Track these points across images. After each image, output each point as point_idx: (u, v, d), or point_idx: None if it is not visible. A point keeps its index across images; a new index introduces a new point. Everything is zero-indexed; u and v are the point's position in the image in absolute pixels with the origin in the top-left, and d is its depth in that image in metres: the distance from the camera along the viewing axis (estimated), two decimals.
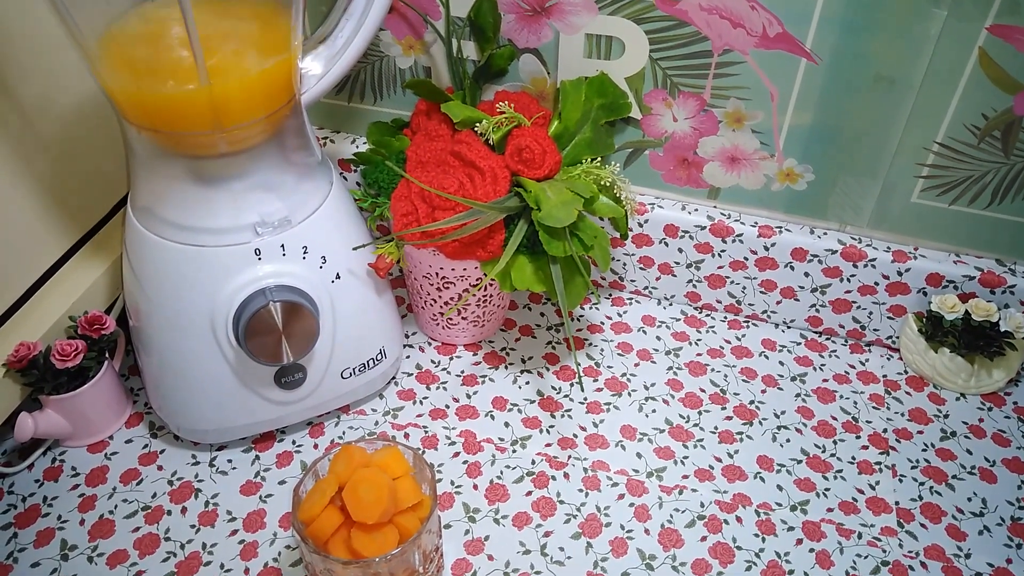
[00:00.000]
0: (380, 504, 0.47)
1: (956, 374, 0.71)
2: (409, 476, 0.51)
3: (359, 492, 0.47)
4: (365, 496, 0.47)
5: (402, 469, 0.51)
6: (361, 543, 0.47)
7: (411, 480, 0.51)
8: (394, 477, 0.50)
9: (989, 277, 0.69)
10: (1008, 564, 0.59)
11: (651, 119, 0.70)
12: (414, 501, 0.50)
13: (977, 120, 0.63)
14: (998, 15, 0.58)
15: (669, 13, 0.64)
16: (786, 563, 0.59)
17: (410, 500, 0.50)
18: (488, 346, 0.75)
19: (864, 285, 0.72)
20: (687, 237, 0.74)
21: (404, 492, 0.50)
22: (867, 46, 0.61)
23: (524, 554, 0.59)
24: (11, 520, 0.60)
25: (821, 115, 0.66)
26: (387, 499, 0.47)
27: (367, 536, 0.47)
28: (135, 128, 0.52)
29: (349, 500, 0.47)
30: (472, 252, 0.63)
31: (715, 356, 0.75)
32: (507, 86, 0.72)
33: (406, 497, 0.50)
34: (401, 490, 0.50)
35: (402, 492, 0.50)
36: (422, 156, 0.66)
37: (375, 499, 0.47)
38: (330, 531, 0.48)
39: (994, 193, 0.66)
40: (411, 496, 0.50)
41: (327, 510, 0.48)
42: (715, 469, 0.65)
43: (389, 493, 0.48)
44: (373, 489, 0.47)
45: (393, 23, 0.71)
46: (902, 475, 0.65)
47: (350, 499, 0.47)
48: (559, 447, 0.66)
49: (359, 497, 0.47)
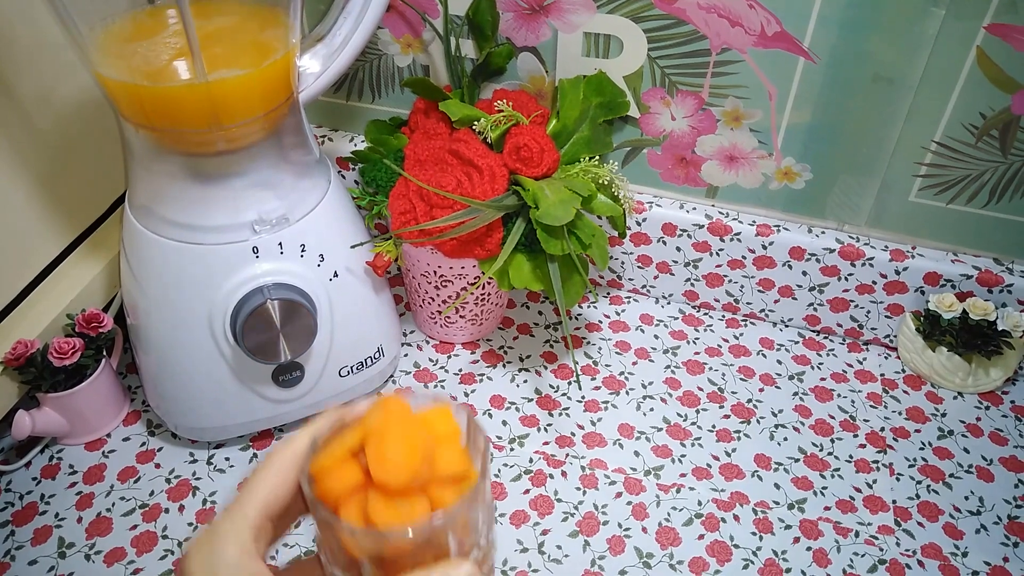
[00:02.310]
0: (410, 465, 0.38)
1: (954, 373, 0.71)
2: (456, 442, 0.41)
3: (386, 447, 0.38)
4: (393, 453, 0.38)
5: (449, 432, 0.41)
6: (378, 510, 0.38)
7: (458, 447, 0.41)
8: (437, 440, 0.41)
9: (987, 276, 0.69)
10: (1005, 563, 0.59)
11: (649, 118, 0.70)
12: (457, 471, 0.39)
13: (975, 119, 0.63)
14: (996, 14, 0.58)
15: (667, 12, 0.64)
16: (783, 561, 0.59)
17: (452, 469, 0.40)
18: (486, 344, 0.75)
19: (862, 284, 0.72)
20: (685, 236, 0.74)
21: (446, 458, 0.40)
22: (865, 45, 0.61)
23: (522, 552, 0.59)
24: (9, 518, 0.60)
25: (819, 114, 0.66)
26: (420, 462, 0.38)
27: (387, 503, 0.38)
28: (133, 126, 0.52)
29: (372, 455, 0.38)
30: (470, 250, 0.63)
31: (713, 355, 0.75)
32: (505, 84, 0.72)
33: (447, 465, 0.40)
34: (443, 455, 0.40)
35: (443, 458, 0.40)
36: (420, 154, 0.65)
37: (405, 459, 0.38)
38: (344, 490, 0.38)
39: (992, 192, 0.66)
40: (454, 464, 0.40)
41: (345, 465, 0.39)
42: (713, 467, 0.65)
43: (424, 455, 0.39)
44: (404, 446, 0.38)
45: (391, 21, 0.71)
46: (899, 474, 0.65)
47: (373, 454, 0.38)
48: (557, 445, 0.66)
49: (384, 453, 0.38)
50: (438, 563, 0.37)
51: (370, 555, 0.37)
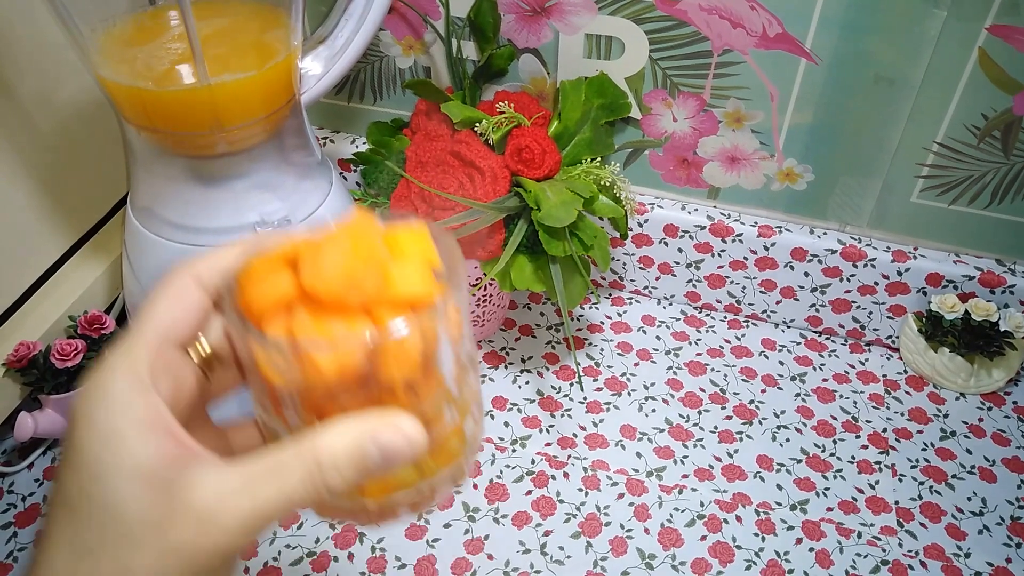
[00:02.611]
0: (349, 274, 0.28)
1: (956, 374, 0.71)
2: (425, 265, 0.31)
3: (325, 251, 0.29)
4: (331, 257, 0.29)
5: (417, 252, 0.31)
6: (304, 325, 0.29)
7: (426, 270, 0.31)
8: (400, 256, 0.31)
9: (989, 277, 0.69)
10: (1008, 563, 0.59)
11: (651, 119, 0.70)
12: (417, 294, 0.30)
13: (977, 120, 0.63)
14: (998, 15, 0.58)
15: (669, 13, 0.64)
16: (786, 562, 0.59)
17: (410, 291, 0.30)
18: (488, 346, 0.75)
19: (864, 285, 0.72)
20: (687, 237, 0.74)
21: (405, 278, 0.30)
22: (867, 46, 0.61)
23: (524, 553, 0.59)
24: (11, 519, 0.60)
25: (821, 115, 0.66)
26: (365, 273, 0.29)
27: (318, 319, 0.29)
28: (135, 128, 0.52)
29: (305, 259, 0.29)
30: (472, 252, 0.63)
31: (715, 356, 0.75)
32: (507, 86, 0.72)
33: (405, 285, 0.30)
34: (402, 274, 0.30)
35: (402, 277, 0.30)
36: (422, 156, 0.66)
37: (344, 266, 0.29)
38: (271, 302, 0.29)
39: (994, 193, 0.66)
40: (414, 285, 0.30)
41: (278, 272, 0.30)
42: (715, 468, 0.65)
43: (373, 268, 0.29)
44: (347, 253, 0.29)
45: (393, 23, 0.71)
46: (902, 474, 0.65)
47: (307, 258, 0.29)
48: (559, 447, 0.66)
49: (321, 257, 0.29)
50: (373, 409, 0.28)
51: (291, 386, 0.29)
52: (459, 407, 0.32)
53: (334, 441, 0.27)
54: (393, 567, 0.58)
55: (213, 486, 0.26)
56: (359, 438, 0.27)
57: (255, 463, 0.27)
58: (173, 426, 0.27)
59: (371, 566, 0.58)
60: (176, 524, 0.25)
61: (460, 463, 0.33)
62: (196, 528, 0.25)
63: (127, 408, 0.26)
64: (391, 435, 0.27)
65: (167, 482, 0.25)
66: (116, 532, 0.25)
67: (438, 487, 0.33)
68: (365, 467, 0.27)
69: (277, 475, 0.26)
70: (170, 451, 0.26)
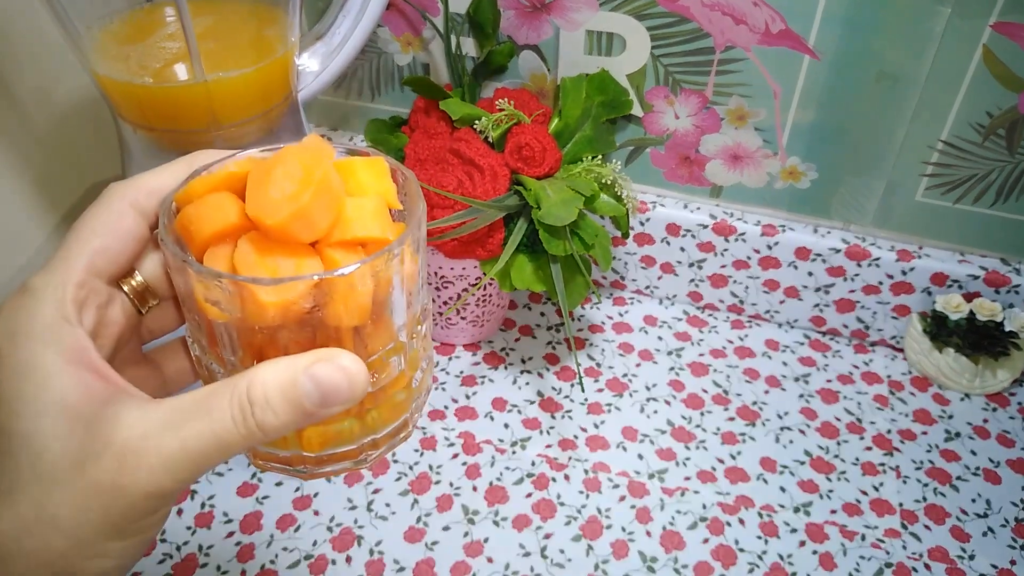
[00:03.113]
0: (297, 203, 0.26)
1: (960, 374, 0.70)
2: (382, 204, 0.29)
3: (272, 177, 0.26)
4: (278, 189, 0.26)
5: (375, 187, 0.29)
6: (246, 258, 0.26)
7: (383, 211, 0.29)
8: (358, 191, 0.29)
9: (994, 276, 0.68)
10: (1012, 565, 0.58)
11: (652, 116, 0.70)
12: (370, 235, 0.28)
13: (981, 118, 0.62)
14: (1002, 12, 0.57)
15: (671, 9, 0.63)
16: (789, 565, 0.58)
17: (365, 231, 0.28)
18: (487, 346, 0.74)
19: (868, 285, 0.71)
20: (689, 236, 0.73)
21: (361, 217, 0.28)
22: (870, 43, 0.61)
23: (524, 556, 0.58)
24: None
25: (824, 113, 0.65)
26: (315, 204, 0.26)
27: (262, 252, 0.27)
28: (131, 126, 0.52)
29: (253, 186, 0.27)
30: (471, 251, 0.62)
31: (717, 356, 0.74)
32: (507, 83, 0.72)
33: (360, 224, 0.28)
34: (357, 212, 0.28)
35: (357, 215, 0.28)
36: (420, 154, 0.65)
37: (292, 194, 0.26)
38: (212, 230, 0.27)
39: (999, 192, 0.66)
40: (369, 226, 0.28)
41: (221, 197, 0.28)
42: (717, 470, 0.64)
43: (324, 202, 0.27)
44: (297, 181, 0.26)
45: (391, 19, 0.71)
46: (906, 476, 0.64)
47: (255, 185, 0.27)
48: (559, 448, 0.66)
49: (268, 183, 0.26)
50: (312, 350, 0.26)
51: (230, 323, 0.27)
52: (409, 359, 0.30)
53: (267, 376, 0.25)
54: (391, 570, 0.57)
55: (137, 423, 0.24)
56: (294, 373, 0.25)
57: (183, 399, 0.25)
58: (97, 361, 0.25)
59: (369, 569, 0.57)
60: (97, 462, 0.24)
61: (406, 418, 0.31)
62: (118, 466, 0.24)
63: (50, 340, 0.25)
64: (330, 371, 0.25)
65: (90, 418, 0.24)
66: (35, 472, 0.24)
67: (382, 443, 0.31)
68: (301, 405, 0.25)
69: (206, 412, 0.25)
70: (94, 386, 0.25)
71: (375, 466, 0.63)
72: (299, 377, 0.25)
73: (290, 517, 0.60)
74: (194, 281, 0.26)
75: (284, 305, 0.26)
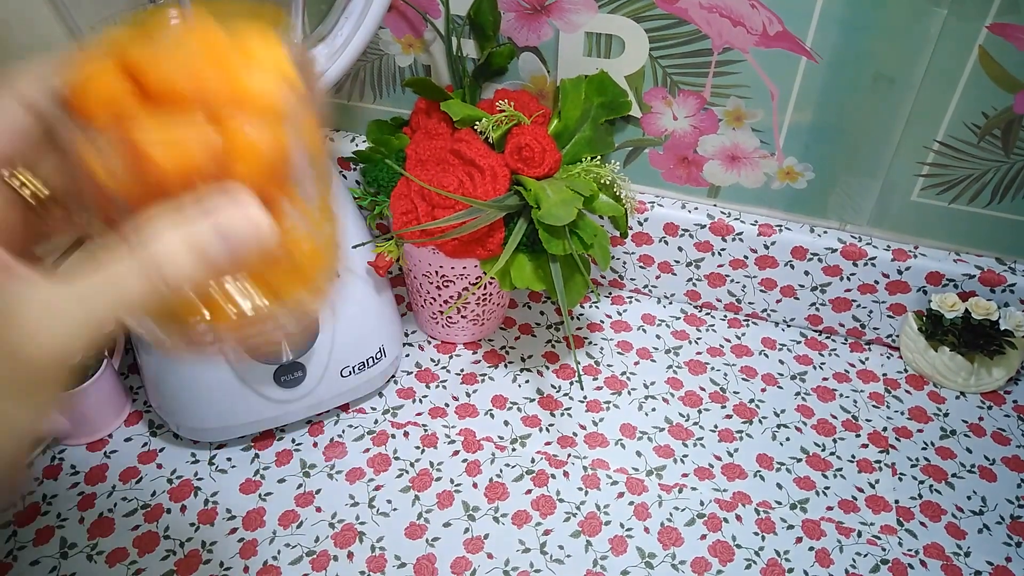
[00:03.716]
0: (193, 68, 0.26)
1: (956, 373, 0.71)
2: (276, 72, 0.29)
3: (164, 47, 0.27)
4: (170, 53, 0.26)
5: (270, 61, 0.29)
6: (143, 124, 0.26)
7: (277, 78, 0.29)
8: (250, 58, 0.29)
9: (989, 276, 0.69)
10: (1008, 562, 0.59)
11: (651, 117, 0.70)
12: (268, 103, 0.28)
13: (977, 119, 0.63)
14: (998, 13, 0.57)
15: (669, 11, 0.63)
16: (785, 561, 0.59)
17: (258, 90, 0.28)
18: (488, 344, 0.75)
19: (864, 284, 0.72)
20: (687, 236, 0.74)
21: (257, 82, 0.28)
22: (867, 45, 0.61)
23: (524, 552, 0.59)
24: (11, 518, 0.60)
25: (821, 114, 0.66)
26: (211, 69, 0.26)
27: (158, 119, 0.26)
28: None
29: (146, 51, 0.27)
30: (472, 250, 0.63)
31: (715, 355, 0.75)
32: (507, 84, 0.72)
33: (258, 91, 0.28)
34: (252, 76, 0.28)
35: (253, 80, 0.28)
36: (422, 154, 0.65)
37: (186, 61, 0.26)
38: (104, 97, 0.27)
39: (994, 192, 0.66)
40: (266, 92, 0.28)
41: (114, 70, 0.27)
42: (715, 468, 0.65)
43: (217, 64, 0.27)
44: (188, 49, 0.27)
45: (392, 21, 0.71)
46: (902, 473, 0.65)
47: (148, 49, 0.27)
48: (559, 446, 0.66)
49: (160, 52, 0.26)
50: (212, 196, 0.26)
51: (124, 188, 0.26)
52: (315, 224, 0.31)
53: (167, 226, 0.24)
54: (393, 566, 0.58)
55: (37, 295, 0.24)
56: (199, 226, 0.24)
57: (84, 263, 0.24)
58: None
59: (371, 565, 0.58)
60: None
61: (317, 285, 0.31)
62: (19, 337, 0.23)
63: None
64: (234, 216, 0.24)
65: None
66: None
67: (295, 311, 0.31)
68: (205, 255, 0.24)
69: (107, 270, 0.24)
70: None
71: (375, 465, 0.64)
72: (201, 225, 0.24)
73: (292, 513, 0.61)
74: (86, 149, 0.26)
75: (181, 165, 0.25)
